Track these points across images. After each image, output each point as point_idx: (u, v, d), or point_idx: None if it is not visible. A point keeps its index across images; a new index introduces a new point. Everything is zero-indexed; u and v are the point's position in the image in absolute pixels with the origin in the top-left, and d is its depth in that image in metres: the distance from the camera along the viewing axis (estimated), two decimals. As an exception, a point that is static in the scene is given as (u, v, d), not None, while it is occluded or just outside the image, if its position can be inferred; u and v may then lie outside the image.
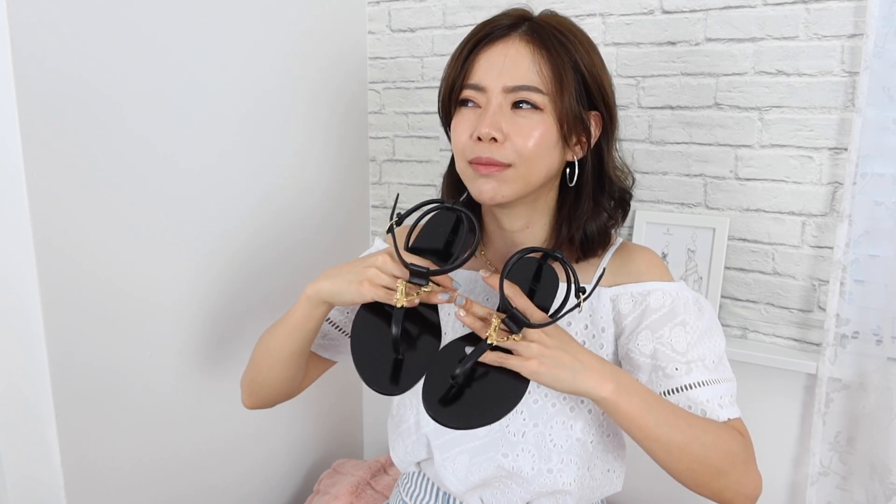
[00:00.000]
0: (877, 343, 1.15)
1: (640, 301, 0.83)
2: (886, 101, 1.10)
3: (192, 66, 1.10)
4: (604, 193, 0.86)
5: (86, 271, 0.96)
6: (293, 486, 1.47)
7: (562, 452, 0.84)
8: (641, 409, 0.73)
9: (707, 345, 0.81)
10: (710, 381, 0.80)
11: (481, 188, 0.80)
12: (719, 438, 0.76)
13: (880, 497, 1.14)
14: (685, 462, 0.75)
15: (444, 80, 0.84)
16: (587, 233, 0.85)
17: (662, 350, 0.81)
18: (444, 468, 0.88)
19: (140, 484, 1.08)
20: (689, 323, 0.81)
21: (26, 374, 0.94)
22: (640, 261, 0.87)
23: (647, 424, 0.74)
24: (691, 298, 0.84)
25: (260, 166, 1.27)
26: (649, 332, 0.82)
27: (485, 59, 0.79)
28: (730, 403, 0.80)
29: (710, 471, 0.76)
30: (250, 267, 1.27)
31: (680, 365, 0.80)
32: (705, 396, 0.79)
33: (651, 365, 0.81)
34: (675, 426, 0.74)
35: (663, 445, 0.74)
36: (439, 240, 0.83)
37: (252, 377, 0.95)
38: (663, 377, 0.80)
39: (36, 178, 0.88)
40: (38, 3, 0.86)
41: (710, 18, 1.23)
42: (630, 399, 0.73)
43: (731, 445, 0.77)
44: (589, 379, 0.72)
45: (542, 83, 0.77)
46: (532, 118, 0.78)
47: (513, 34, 0.79)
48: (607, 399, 0.73)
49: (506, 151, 0.78)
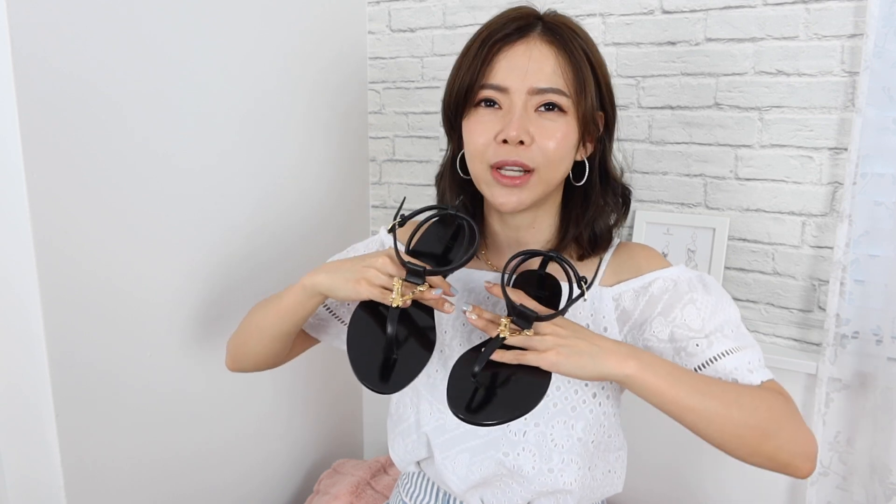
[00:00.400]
0: (877, 343, 1.15)
1: (643, 293, 0.83)
2: (886, 101, 1.10)
3: (192, 66, 1.10)
4: (609, 191, 0.87)
5: (86, 271, 0.96)
6: (293, 486, 1.47)
7: (563, 452, 0.84)
8: (670, 382, 0.71)
9: (721, 316, 0.80)
10: (734, 350, 0.77)
11: (504, 200, 0.79)
12: (758, 399, 0.74)
13: (880, 497, 1.14)
14: (729, 428, 0.72)
15: (457, 80, 0.81)
16: (595, 231, 0.86)
17: (679, 331, 0.79)
18: (444, 467, 0.88)
19: (140, 484, 1.08)
20: (698, 300, 0.80)
21: (26, 374, 0.94)
22: (639, 256, 0.88)
23: (679, 395, 0.71)
24: (694, 277, 0.83)
25: (260, 166, 1.27)
26: (662, 318, 0.81)
27: (505, 59, 0.78)
28: (759, 367, 0.78)
29: (758, 433, 0.72)
30: (250, 267, 1.27)
31: (700, 340, 0.78)
32: (733, 365, 0.77)
33: (672, 348, 0.80)
34: (709, 394, 0.72)
35: (701, 415, 0.71)
36: (439, 245, 0.83)
37: (238, 344, 0.95)
38: (686, 357, 0.79)
39: (36, 178, 0.88)
40: (38, 3, 0.86)
41: (710, 18, 1.23)
42: (656, 373, 0.71)
43: (773, 403, 0.74)
44: (609, 360, 0.71)
45: (565, 86, 0.77)
46: (558, 121, 0.78)
47: (532, 34, 0.78)
48: (633, 376, 0.71)
49: (532, 154, 0.77)
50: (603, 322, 0.85)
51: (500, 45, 0.78)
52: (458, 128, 0.84)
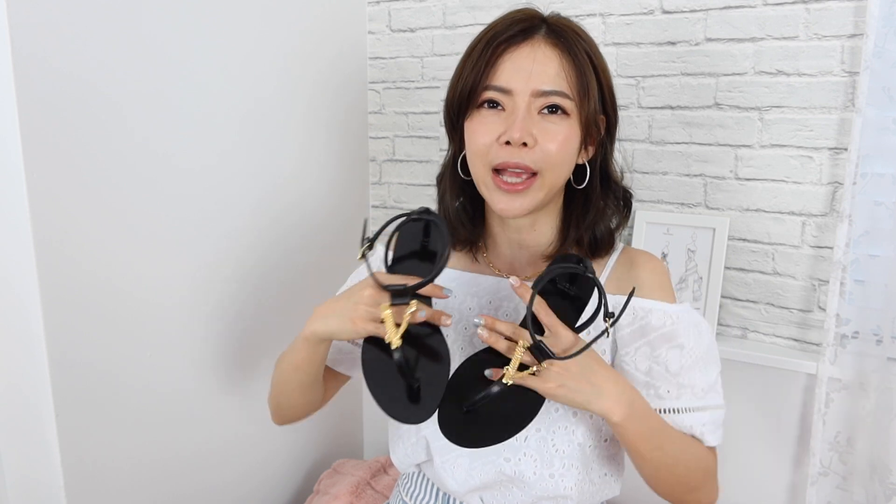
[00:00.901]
0: (877, 343, 1.15)
1: (641, 316, 0.84)
2: (886, 101, 1.10)
3: (192, 66, 1.10)
4: (610, 194, 0.87)
5: (86, 271, 0.96)
6: (293, 486, 1.47)
7: (563, 457, 0.84)
8: (641, 435, 0.77)
9: (700, 372, 0.83)
10: (697, 409, 0.83)
11: (505, 206, 0.79)
12: (700, 460, 0.83)
13: (880, 497, 1.14)
14: (668, 479, 0.81)
15: (460, 80, 0.81)
16: (596, 234, 0.86)
17: (657, 369, 0.83)
18: (443, 470, 0.88)
19: (140, 484, 1.08)
20: (687, 347, 0.83)
21: (26, 374, 0.94)
22: (643, 270, 0.87)
23: (646, 448, 0.78)
24: (692, 322, 0.84)
25: (260, 166, 1.27)
26: (647, 350, 0.83)
27: (510, 60, 0.77)
28: (713, 430, 0.84)
29: (687, 488, 0.82)
30: (250, 266, 1.27)
31: (672, 388, 0.83)
32: (690, 422, 0.82)
33: (644, 381, 0.84)
34: (668, 451, 0.80)
35: (654, 465, 0.80)
36: (416, 242, 0.81)
37: (274, 404, 0.97)
38: (655, 396, 0.83)
39: (36, 178, 0.88)
40: (38, 3, 0.86)
41: (710, 18, 1.23)
42: (639, 426, 0.76)
43: (708, 464, 0.84)
44: (604, 404, 0.74)
45: (569, 88, 0.77)
46: (561, 124, 0.78)
47: (536, 36, 0.78)
48: (617, 424, 0.75)
49: (535, 156, 0.77)
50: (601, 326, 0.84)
51: (505, 47, 0.78)
52: (459, 129, 0.84)
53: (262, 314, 1.30)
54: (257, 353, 1.30)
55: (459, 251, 0.94)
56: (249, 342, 1.28)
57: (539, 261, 0.89)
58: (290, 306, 1.37)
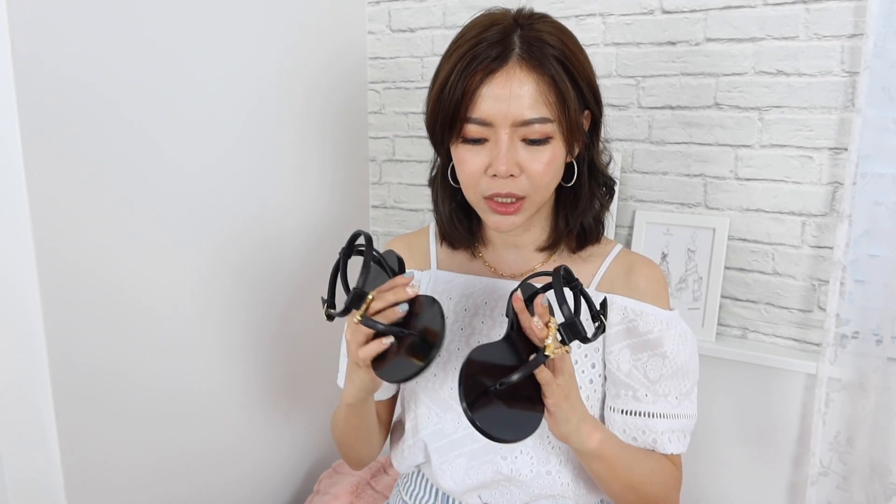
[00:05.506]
0: (877, 343, 1.15)
1: (630, 318, 0.85)
2: (886, 101, 1.10)
3: (192, 66, 1.10)
4: (596, 184, 0.88)
5: (86, 271, 0.96)
6: (293, 486, 1.47)
7: (560, 455, 0.84)
8: (607, 462, 0.80)
9: (678, 381, 0.85)
10: (670, 416, 0.85)
11: (498, 224, 0.81)
12: (663, 476, 0.86)
13: (880, 497, 1.14)
14: (631, 496, 0.83)
15: (439, 107, 0.79)
16: (584, 225, 0.87)
17: (636, 374, 0.84)
18: (441, 471, 0.88)
19: (140, 484, 1.08)
20: (669, 356, 0.84)
21: (26, 374, 0.94)
22: (642, 275, 0.88)
23: (615, 469, 0.81)
24: (679, 332, 0.85)
25: (260, 166, 1.27)
26: (629, 353, 0.85)
27: (487, 91, 0.75)
28: (679, 439, 0.86)
29: (648, 502, 0.85)
30: (250, 266, 1.27)
31: (649, 392, 0.85)
32: (661, 428, 0.85)
33: (623, 382, 0.85)
34: (634, 471, 0.82)
35: (621, 484, 0.82)
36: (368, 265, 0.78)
37: (348, 459, 1.00)
38: (632, 399, 0.85)
39: (36, 178, 0.88)
40: (38, 3, 0.86)
41: (710, 18, 1.23)
42: (612, 449, 0.80)
43: (669, 480, 0.86)
44: (584, 428, 0.77)
45: (550, 112, 0.76)
46: (544, 149, 0.78)
47: (510, 60, 0.75)
48: (593, 450, 0.78)
49: (521, 184, 0.78)
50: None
51: (482, 77, 0.76)
52: (445, 147, 0.83)
53: (263, 314, 1.30)
54: (257, 352, 1.30)
55: (456, 252, 0.95)
56: (249, 342, 1.28)
57: (532, 256, 0.91)
58: (290, 306, 1.37)
